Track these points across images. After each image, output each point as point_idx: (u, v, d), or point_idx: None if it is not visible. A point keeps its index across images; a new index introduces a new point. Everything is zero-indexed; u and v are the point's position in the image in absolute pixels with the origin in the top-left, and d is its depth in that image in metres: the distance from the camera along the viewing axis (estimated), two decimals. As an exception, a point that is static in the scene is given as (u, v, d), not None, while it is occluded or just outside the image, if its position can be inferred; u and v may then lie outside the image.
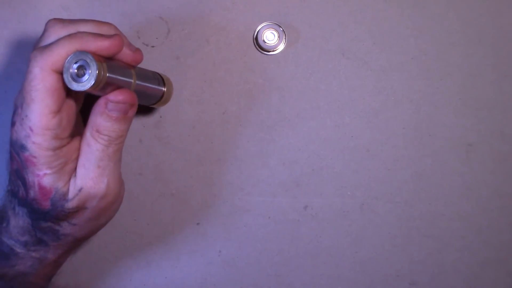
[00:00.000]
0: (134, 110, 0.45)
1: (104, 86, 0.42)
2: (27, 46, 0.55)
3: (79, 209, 0.45)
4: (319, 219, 0.57)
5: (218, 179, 0.56)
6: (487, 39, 0.56)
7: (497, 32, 0.56)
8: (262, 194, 0.56)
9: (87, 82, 0.41)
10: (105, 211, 0.47)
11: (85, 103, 0.49)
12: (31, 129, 0.42)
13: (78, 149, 0.45)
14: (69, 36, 0.42)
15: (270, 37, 0.55)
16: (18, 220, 0.45)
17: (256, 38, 0.55)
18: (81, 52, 0.41)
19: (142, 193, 0.56)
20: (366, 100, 0.56)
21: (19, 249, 0.46)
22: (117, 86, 0.44)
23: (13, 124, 0.43)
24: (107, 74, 0.42)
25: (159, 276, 0.57)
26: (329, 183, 0.56)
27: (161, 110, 0.56)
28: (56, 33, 0.44)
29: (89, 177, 0.45)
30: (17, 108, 0.43)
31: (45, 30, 0.44)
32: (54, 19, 0.45)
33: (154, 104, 0.52)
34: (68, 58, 0.41)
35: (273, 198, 0.56)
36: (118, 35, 0.44)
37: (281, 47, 0.56)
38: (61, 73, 0.42)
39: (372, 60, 0.56)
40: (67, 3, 0.55)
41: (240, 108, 0.56)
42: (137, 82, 0.46)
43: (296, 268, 0.57)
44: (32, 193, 0.44)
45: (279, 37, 0.55)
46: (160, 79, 0.51)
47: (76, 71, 0.41)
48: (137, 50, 0.46)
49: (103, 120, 0.44)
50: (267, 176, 0.56)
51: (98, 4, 0.55)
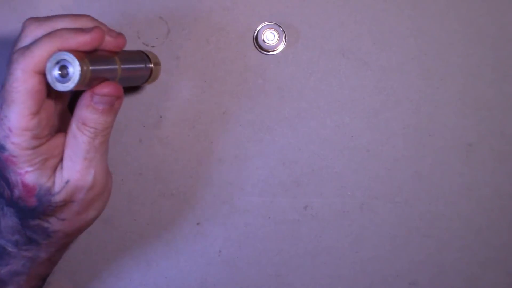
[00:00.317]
0: (120, 101, 0.45)
1: (88, 82, 0.42)
2: (27, 46, 0.55)
3: (66, 202, 0.45)
4: (319, 219, 0.57)
5: (218, 179, 0.56)
6: (487, 39, 0.56)
7: (497, 32, 0.56)
8: (262, 194, 0.56)
9: (71, 83, 0.41)
10: (93, 203, 0.47)
11: (73, 97, 0.49)
12: (10, 130, 0.42)
13: (61, 145, 0.45)
14: (49, 35, 0.42)
15: (270, 37, 0.55)
16: (7, 221, 0.45)
17: (256, 38, 0.55)
18: (62, 52, 0.41)
19: (142, 193, 0.56)
20: (366, 100, 0.56)
21: (11, 249, 0.46)
22: (103, 78, 0.44)
23: None
24: (90, 69, 0.41)
25: (159, 276, 0.57)
26: (329, 183, 0.56)
27: (161, 110, 0.56)
28: (33, 32, 0.43)
29: (75, 170, 0.45)
30: None
31: (21, 30, 0.44)
32: (30, 19, 0.44)
33: (144, 82, 0.52)
34: (50, 58, 0.41)
35: (273, 198, 0.56)
36: (97, 27, 0.43)
37: (281, 47, 0.56)
38: (43, 74, 0.42)
39: (372, 60, 0.56)
40: (67, 3, 0.55)
41: (240, 108, 0.56)
42: (122, 67, 0.46)
43: (296, 268, 0.57)
44: (17, 192, 0.44)
45: (279, 37, 0.55)
46: (146, 58, 0.51)
47: (59, 71, 0.41)
48: (119, 36, 0.46)
49: (89, 113, 0.44)
50: (267, 176, 0.56)
51: (98, 4, 0.55)
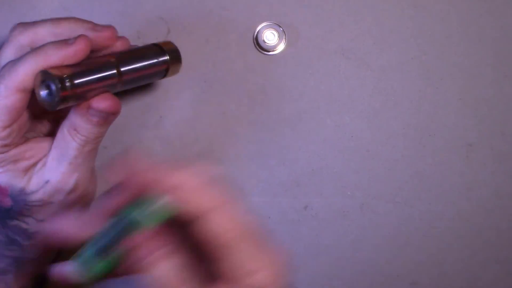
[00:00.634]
0: (116, 115, 0.44)
1: (79, 95, 0.41)
2: (27, 46, 0.55)
3: (44, 203, 0.45)
4: (319, 219, 0.57)
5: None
6: (487, 39, 0.56)
7: (497, 32, 0.56)
8: (262, 194, 0.56)
9: (55, 102, 0.40)
10: (73, 206, 0.46)
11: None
12: None
13: (34, 149, 0.45)
14: (34, 52, 0.41)
15: (270, 37, 0.55)
16: None
17: (256, 38, 0.55)
18: (44, 70, 0.40)
19: (142, 193, 0.56)
20: (366, 100, 0.56)
21: None
22: (100, 87, 0.42)
23: None
24: (76, 83, 0.40)
25: (159, 276, 0.57)
26: (329, 183, 0.56)
27: (161, 110, 0.56)
28: (16, 38, 0.43)
29: (59, 171, 0.44)
30: None
31: (8, 39, 0.44)
32: (18, 24, 0.44)
33: (164, 77, 0.49)
34: (36, 77, 0.41)
35: (273, 198, 0.56)
36: (81, 36, 0.42)
37: (281, 47, 0.56)
38: (27, 91, 0.41)
39: (372, 60, 0.56)
40: (67, 3, 0.55)
41: (240, 108, 0.56)
42: (123, 69, 0.44)
43: (296, 268, 0.57)
44: None
45: (279, 37, 0.55)
46: (159, 51, 0.48)
47: (46, 90, 0.40)
48: (105, 29, 0.44)
49: (82, 122, 0.43)
50: (267, 176, 0.56)
51: (98, 4, 0.55)
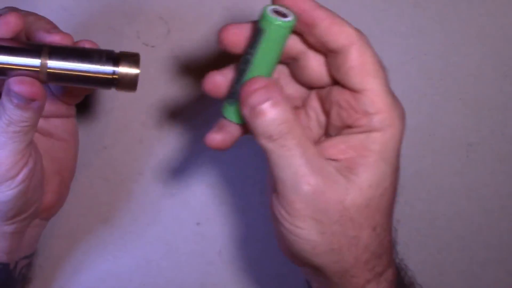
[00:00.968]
0: (39, 103, 0.41)
1: None
2: (27, 46, 0.55)
3: None
4: (319, 219, 0.57)
5: (218, 179, 0.56)
6: (487, 39, 0.56)
7: (497, 32, 0.56)
8: (262, 194, 0.56)
9: None
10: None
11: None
12: None
13: None
14: None
15: (270, 37, 0.55)
16: None
17: (256, 38, 0.55)
18: None
19: (142, 193, 0.56)
20: (366, 100, 0.56)
21: None
22: (21, 71, 0.41)
23: None
24: None
25: (159, 276, 0.57)
26: (329, 183, 0.56)
27: (161, 110, 0.56)
28: None
29: None
30: None
31: None
32: None
33: (117, 88, 0.43)
34: None
35: (273, 198, 0.56)
36: (14, 10, 0.40)
37: (281, 47, 0.56)
38: None
39: (372, 60, 0.56)
40: (67, 3, 0.55)
41: (240, 108, 0.56)
42: (52, 61, 0.41)
43: (296, 268, 0.57)
44: None
45: (279, 37, 0.55)
46: (110, 58, 0.43)
47: None
48: (49, 21, 0.43)
49: (5, 100, 0.41)
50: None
51: (98, 4, 0.55)
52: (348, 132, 0.40)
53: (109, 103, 0.55)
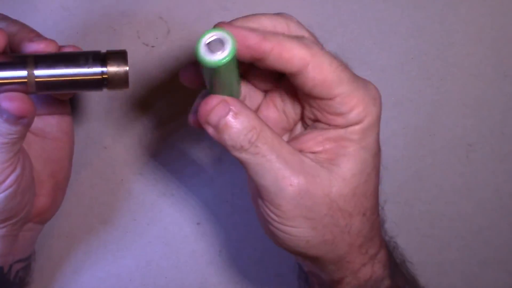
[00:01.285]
0: (28, 120, 0.41)
1: None
2: (27, 46, 0.55)
3: None
4: (319, 219, 0.57)
5: (218, 179, 0.56)
6: (487, 39, 0.56)
7: (497, 32, 0.56)
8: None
9: None
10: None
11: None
12: None
13: None
14: None
15: (270, 37, 0.55)
16: None
17: (256, 38, 0.55)
18: None
19: (142, 193, 0.56)
20: (366, 100, 0.56)
21: None
22: (8, 85, 0.40)
23: None
24: None
25: (159, 276, 0.57)
26: (329, 183, 0.56)
27: (161, 110, 0.56)
28: None
29: None
30: None
31: None
32: None
33: (108, 88, 0.43)
34: None
35: (273, 198, 0.56)
36: None
37: (281, 47, 0.55)
38: None
39: (372, 60, 0.56)
40: (67, 3, 0.55)
41: (240, 108, 0.56)
42: (39, 71, 0.41)
43: (297, 268, 0.57)
44: None
45: (279, 37, 0.55)
46: (98, 59, 0.42)
47: None
48: (32, 30, 0.43)
49: None
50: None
51: (98, 4, 0.55)
52: (325, 128, 0.40)
53: (109, 103, 0.55)
